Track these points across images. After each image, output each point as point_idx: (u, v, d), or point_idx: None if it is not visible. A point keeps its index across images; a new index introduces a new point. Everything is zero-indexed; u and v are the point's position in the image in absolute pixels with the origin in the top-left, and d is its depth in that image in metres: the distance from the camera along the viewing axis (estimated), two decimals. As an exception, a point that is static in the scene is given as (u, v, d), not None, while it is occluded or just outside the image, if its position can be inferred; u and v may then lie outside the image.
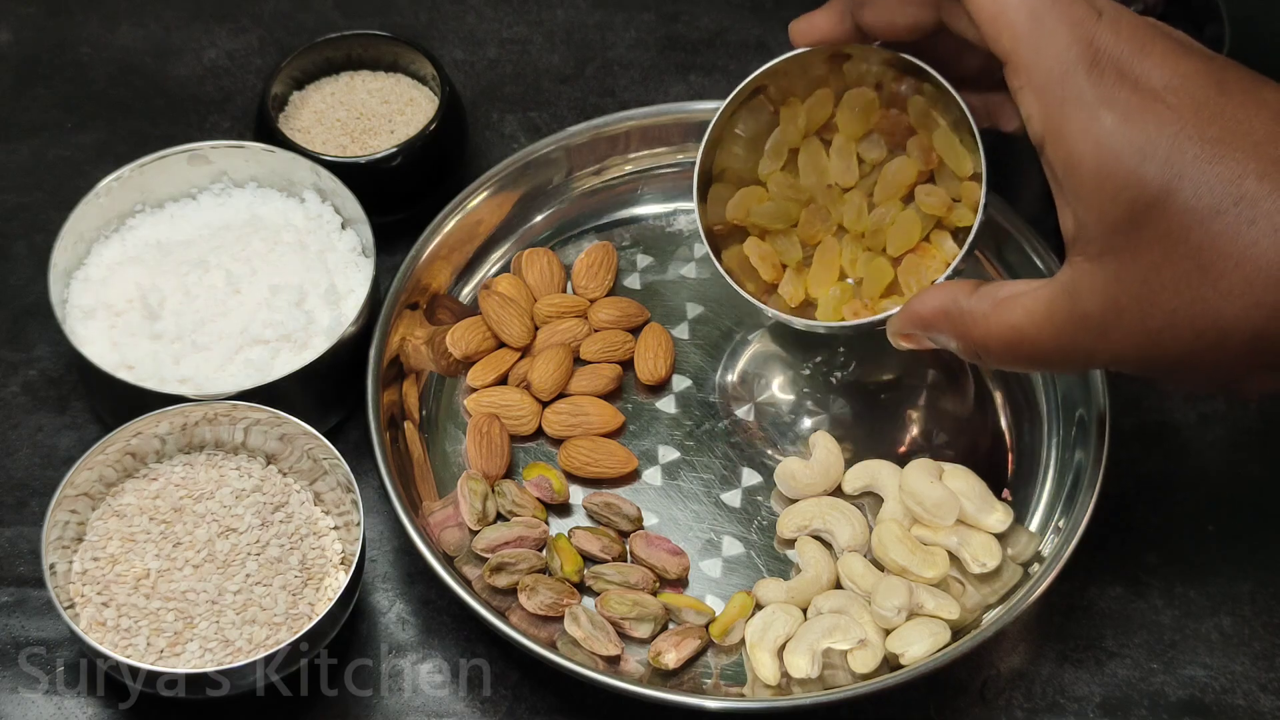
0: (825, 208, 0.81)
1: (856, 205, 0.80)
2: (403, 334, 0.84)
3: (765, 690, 0.75)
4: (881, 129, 0.81)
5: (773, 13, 1.01)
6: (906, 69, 0.78)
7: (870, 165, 0.81)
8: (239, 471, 0.79)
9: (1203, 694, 0.78)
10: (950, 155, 0.79)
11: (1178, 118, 0.62)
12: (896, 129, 0.81)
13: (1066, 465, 0.81)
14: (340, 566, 0.77)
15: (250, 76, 0.98)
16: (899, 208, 0.80)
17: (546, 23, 1.01)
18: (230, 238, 0.85)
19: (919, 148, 0.80)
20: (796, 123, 0.81)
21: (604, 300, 0.88)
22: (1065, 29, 0.63)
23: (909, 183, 0.80)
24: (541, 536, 0.80)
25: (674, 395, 0.85)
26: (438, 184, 0.90)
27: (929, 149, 0.80)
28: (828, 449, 0.82)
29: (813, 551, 0.79)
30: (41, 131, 0.96)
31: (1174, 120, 0.61)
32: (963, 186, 0.78)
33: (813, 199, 0.81)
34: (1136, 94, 0.62)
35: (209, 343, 0.81)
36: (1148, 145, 0.61)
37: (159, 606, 0.74)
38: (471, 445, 0.82)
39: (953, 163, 0.79)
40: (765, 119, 0.81)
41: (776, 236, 0.81)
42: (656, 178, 0.92)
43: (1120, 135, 0.62)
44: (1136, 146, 0.61)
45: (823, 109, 0.81)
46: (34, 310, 0.88)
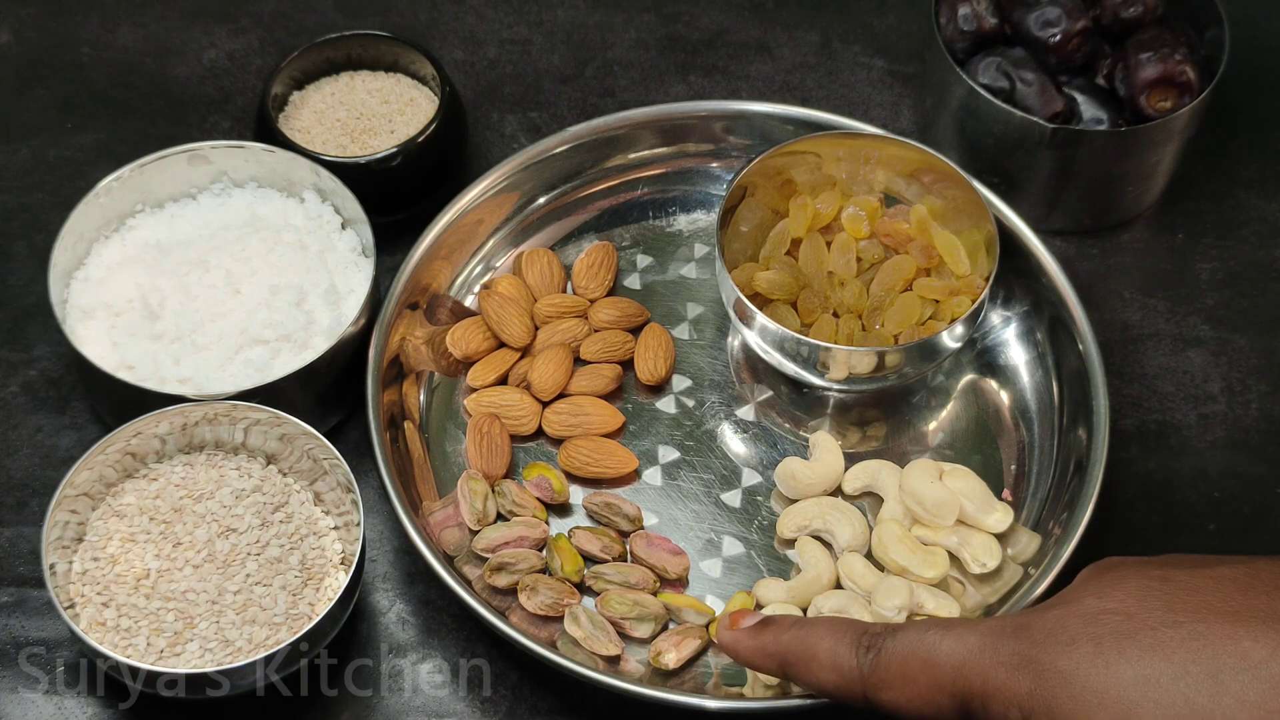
0: (823, 293, 0.83)
1: (855, 291, 0.83)
2: (403, 334, 0.84)
3: (765, 690, 0.75)
4: (881, 234, 0.85)
5: (773, 13, 1.01)
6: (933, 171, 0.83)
7: (869, 263, 0.85)
8: (239, 471, 0.79)
9: (1203, 694, 0.78)
10: (951, 256, 0.83)
11: None
12: (896, 236, 0.85)
13: (1066, 465, 0.81)
14: (340, 566, 0.77)
15: (250, 76, 0.98)
16: (898, 293, 0.83)
17: (546, 23, 1.01)
18: (230, 238, 0.85)
19: (920, 249, 0.84)
20: (805, 213, 0.85)
21: (604, 300, 0.88)
22: None
23: (908, 277, 0.84)
24: (541, 536, 0.80)
25: (674, 395, 0.85)
26: (438, 184, 0.90)
27: (930, 249, 0.84)
28: (828, 449, 0.82)
29: (813, 551, 0.79)
30: (41, 131, 0.96)
31: None
32: (962, 281, 0.82)
33: (809, 285, 0.84)
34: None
35: (209, 343, 0.81)
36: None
37: (159, 606, 0.74)
38: (471, 445, 0.82)
39: (953, 263, 0.83)
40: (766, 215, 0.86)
41: (777, 306, 0.83)
42: (656, 178, 0.92)
43: None
44: None
45: (830, 207, 0.85)
46: (34, 310, 0.88)
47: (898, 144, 0.85)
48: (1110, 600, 0.60)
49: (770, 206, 0.86)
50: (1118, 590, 0.61)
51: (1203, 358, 0.88)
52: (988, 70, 0.89)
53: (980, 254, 0.82)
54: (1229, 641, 0.58)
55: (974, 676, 0.61)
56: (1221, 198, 0.94)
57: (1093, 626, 0.60)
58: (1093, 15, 0.90)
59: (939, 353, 0.81)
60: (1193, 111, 0.87)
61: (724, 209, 0.83)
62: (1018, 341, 0.86)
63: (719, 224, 0.82)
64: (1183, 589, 0.60)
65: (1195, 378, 0.88)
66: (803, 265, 0.84)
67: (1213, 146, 0.95)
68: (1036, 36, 0.89)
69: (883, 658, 0.64)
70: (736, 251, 0.85)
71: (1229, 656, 0.57)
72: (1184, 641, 0.58)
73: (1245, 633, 0.58)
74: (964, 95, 0.88)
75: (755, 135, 0.91)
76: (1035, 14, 0.89)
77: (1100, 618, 0.60)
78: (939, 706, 0.63)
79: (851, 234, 0.85)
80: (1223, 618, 0.58)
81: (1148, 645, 0.59)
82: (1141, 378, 0.87)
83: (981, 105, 0.87)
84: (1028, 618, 0.62)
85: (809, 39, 1.00)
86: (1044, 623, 0.61)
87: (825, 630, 0.66)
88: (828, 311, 0.83)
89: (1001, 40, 0.90)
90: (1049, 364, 0.85)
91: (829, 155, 0.85)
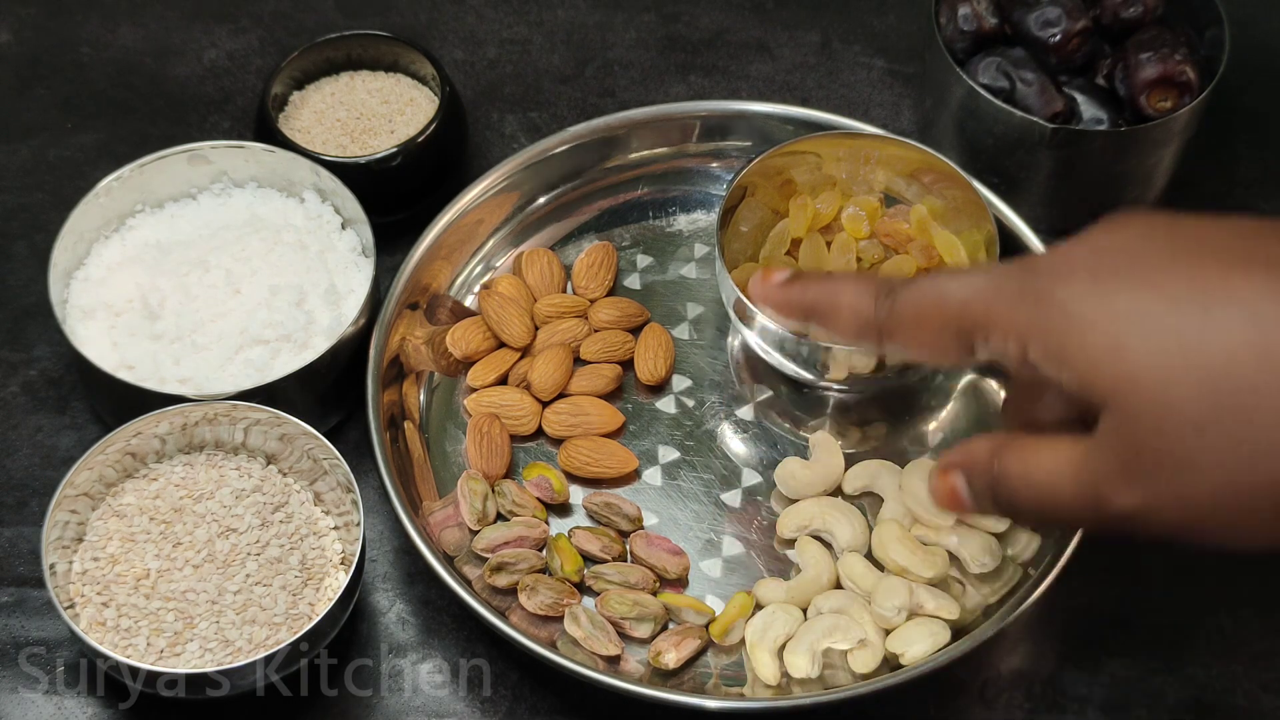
0: None
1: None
2: (403, 334, 0.84)
3: (765, 690, 0.75)
4: (881, 234, 0.85)
5: (773, 13, 1.01)
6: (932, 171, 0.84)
7: (869, 263, 0.85)
8: (239, 471, 0.79)
9: (1203, 694, 0.78)
10: (951, 256, 0.83)
11: None
12: (896, 236, 0.85)
13: (1066, 465, 0.81)
14: (340, 566, 0.77)
15: (250, 76, 0.98)
16: None
17: (546, 23, 1.01)
18: (230, 238, 0.85)
19: (920, 249, 0.84)
20: (805, 213, 0.84)
21: (604, 300, 0.88)
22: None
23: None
24: (541, 536, 0.80)
25: (674, 395, 0.85)
26: (438, 184, 0.90)
27: (930, 249, 0.84)
28: (828, 449, 0.82)
29: (813, 551, 0.79)
30: (41, 131, 0.96)
31: None
32: None
33: None
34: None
35: (209, 343, 0.81)
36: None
37: (159, 606, 0.74)
38: (471, 445, 0.82)
39: (953, 263, 0.83)
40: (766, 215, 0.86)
41: None
42: (656, 178, 0.92)
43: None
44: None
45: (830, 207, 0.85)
46: (34, 310, 0.88)
47: (898, 144, 0.85)
48: (1115, 239, 0.62)
49: (770, 206, 0.86)
50: (1124, 231, 0.62)
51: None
52: (988, 70, 0.89)
53: (980, 254, 0.82)
54: (1222, 280, 0.58)
55: (978, 310, 0.63)
56: (1221, 198, 0.94)
57: (1093, 260, 0.61)
58: (1093, 15, 0.90)
59: None
60: (1193, 111, 0.87)
61: (724, 209, 0.83)
62: (1018, 341, 0.86)
63: (719, 224, 0.82)
64: (1187, 234, 0.61)
65: (1195, 378, 0.88)
66: (803, 265, 0.84)
67: (1213, 146, 0.95)
68: (1036, 36, 0.89)
69: (899, 304, 0.66)
70: (736, 251, 0.85)
71: (1220, 292, 0.58)
72: (1179, 278, 0.59)
73: (1239, 274, 0.58)
74: (964, 95, 0.88)
75: (755, 135, 0.91)
76: (1035, 14, 0.89)
77: (1102, 253, 0.61)
78: (946, 344, 0.64)
79: (851, 234, 0.85)
80: (1220, 260, 0.59)
81: (1143, 280, 0.59)
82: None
83: (981, 105, 0.88)
84: (1036, 256, 0.64)
85: (809, 39, 1.00)
86: (1049, 257, 0.62)
87: (849, 283, 0.69)
88: None
89: (1001, 40, 0.90)
90: (1049, 364, 0.85)
91: (829, 155, 0.85)
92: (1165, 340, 0.58)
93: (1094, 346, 0.59)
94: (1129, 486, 0.60)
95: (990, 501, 0.66)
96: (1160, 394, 0.58)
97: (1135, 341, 0.59)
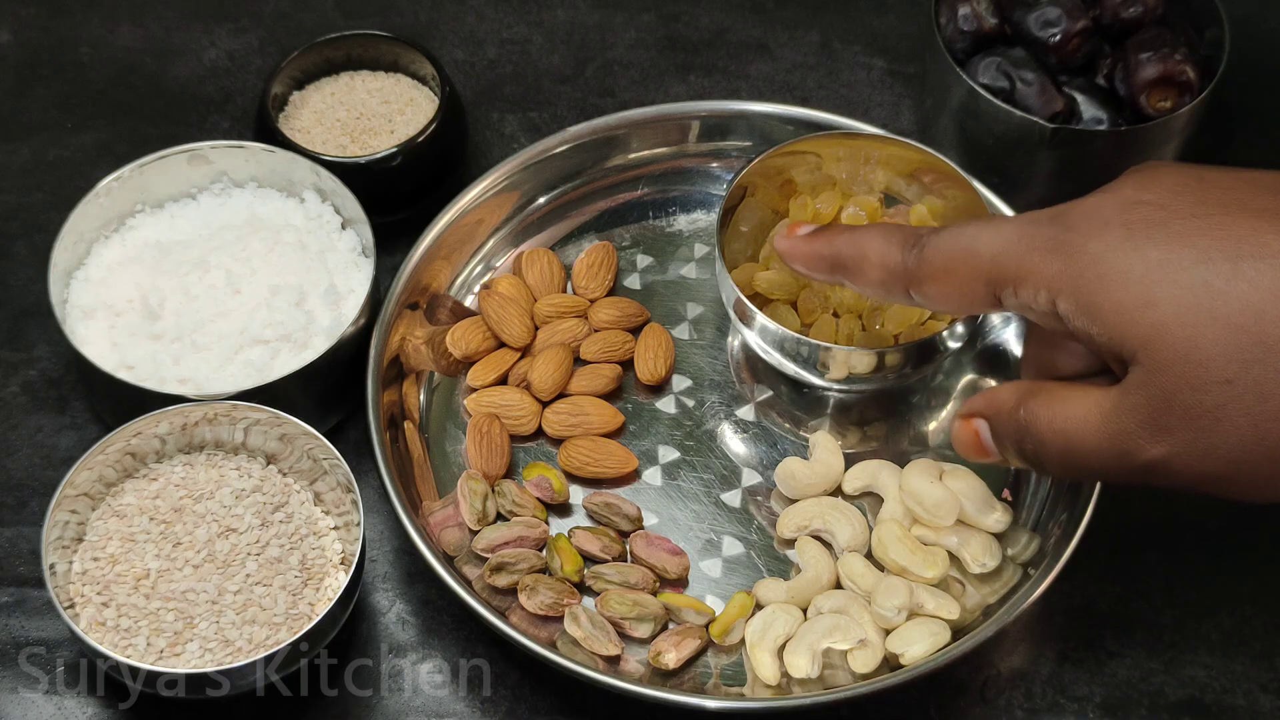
0: (823, 293, 0.83)
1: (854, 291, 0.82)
2: (403, 334, 0.84)
3: (765, 690, 0.75)
4: None
5: (773, 13, 1.01)
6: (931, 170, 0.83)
7: None
8: (239, 471, 0.79)
9: (1203, 694, 0.78)
10: None
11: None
12: None
13: (1066, 465, 0.81)
14: (340, 566, 0.77)
15: (250, 76, 0.98)
16: None
17: (546, 23, 1.01)
18: (230, 238, 0.85)
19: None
20: (805, 213, 0.84)
21: (604, 300, 0.88)
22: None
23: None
24: (541, 536, 0.80)
25: (674, 395, 0.85)
26: (438, 184, 0.90)
27: None
28: (828, 449, 0.82)
29: (813, 551, 0.79)
30: (41, 131, 0.96)
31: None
32: None
33: (809, 285, 0.84)
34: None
35: (209, 343, 0.81)
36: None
37: (159, 606, 0.74)
38: (471, 445, 0.82)
39: None
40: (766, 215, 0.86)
41: (777, 306, 0.83)
42: (656, 178, 0.92)
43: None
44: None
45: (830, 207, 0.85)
46: (34, 310, 0.88)
47: (898, 144, 0.85)
48: (1147, 193, 0.62)
49: (770, 206, 0.86)
50: (1155, 184, 0.63)
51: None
52: (988, 70, 0.89)
53: None
54: (1251, 234, 0.59)
55: (1009, 262, 0.63)
56: (1221, 198, 0.94)
57: (1126, 214, 0.62)
58: (1093, 15, 0.90)
59: (939, 353, 0.81)
60: (1193, 111, 0.87)
61: (724, 209, 0.83)
62: (1018, 341, 0.86)
63: (719, 224, 0.82)
64: (1217, 187, 0.62)
65: (1195, 378, 0.88)
66: None
67: (1213, 146, 0.95)
68: (1036, 36, 0.89)
69: (927, 252, 0.66)
70: (736, 251, 0.85)
71: (1250, 246, 0.59)
72: (1208, 231, 0.60)
73: (1268, 226, 0.59)
74: (964, 95, 0.88)
75: (755, 135, 0.91)
76: (1035, 14, 0.89)
77: (1134, 206, 0.62)
78: (974, 294, 0.65)
79: None
80: (1250, 213, 0.60)
81: (1175, 233, 0.60)
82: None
83: (981, 105, 0.88)
84: (1066, 207, 0.64)
85: (809, 39, 1.00)
86: (1080, 210, 0.63)
87: (876, 233, 0.69)
88: (828, 311, 0.83)
89: (1001, 40, 0.90)
90: (1049, 364, 0.85)
91: (829, 155, 0.85)
92: (1195, 293, 0.59)
93: (1125, 300, 0.60)
94: (1156, 437, 0.60)
95: (1014, 448, 0.66)
96: (1189, 346, 0.59)
97: (1165, 294, 0.59)
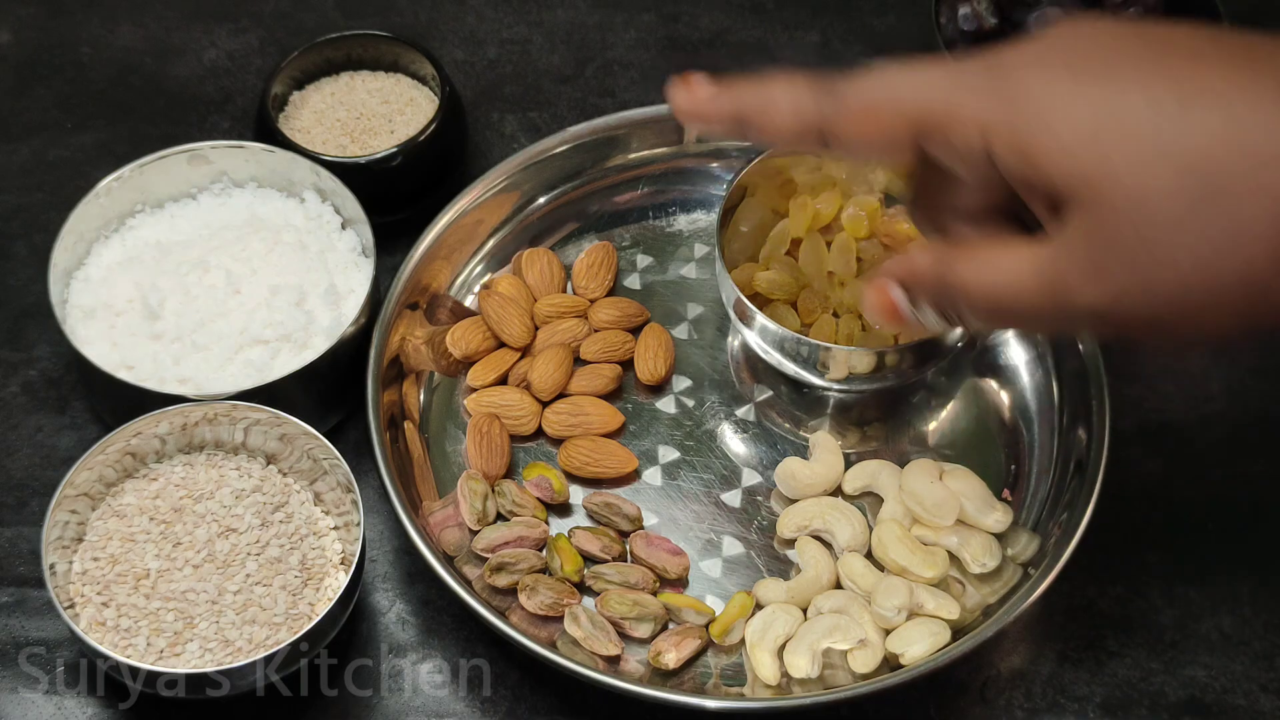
0: (823, 293, 0.83)
1: (855, 291, 0.83)
2: (403, 334, 0.84)
3: (765, 690, 0.75)
4: (881, 234, 0.85)
5: (773, 14, 1.01)
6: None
7: (869, 263, 0.85)
8: (239, 471, 0.79)
9: (1203, 694, 0.78)
10: None
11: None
12: (896, 236, 0.85)
13: (1066, 465, 0.81)
14: (340, 566, 0.77)
15: (250, 76, 0.98)
16: None
17: (546, 23, 1.01)
18: (230, 238, 0.85)
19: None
20: (805, 213, 0.84)
21: (604, 300, 0.88)
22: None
23: None
24: (541, 536, 0.80)
25: (674, 395, 0.86)
26: (438, 184, 0.90)
27: None
28: (828, 449, 0.82)
29: (813, 551, 0.79)
30: (41, 131, 0.96)
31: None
32: None
33: (809, 285, 0.83)
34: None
35: (209, 343, 0.81)
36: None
37: (159, 606, 0.74)
38: (471, 445, 0.82)
39: None
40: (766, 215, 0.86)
41: (777, 306, 0.83)
42: (656, 178, 0.92)
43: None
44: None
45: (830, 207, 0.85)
46: (34, 310, 0.88)
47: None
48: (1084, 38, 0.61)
49: (770, 206, 0.86)
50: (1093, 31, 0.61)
51: (1203, 358, 0.88)
52: (988, 70, 0.89)
53: None
54: (1197, 77, 0.58)
55: (937, 104, 0.61)
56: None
57: (1066, 56, 0.60)
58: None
59: (939, 353, 0.81)
60: (1193, 111, 0.87)
61: (724, 209, 0.83)
62: (1018, 341, 0.86)
63: (719, 224, 0.82)
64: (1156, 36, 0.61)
65: (1195, 378, 0.88)
66: (803, 265, 0.84)
67: (1213, 146, 0.95)
68: (1036, 36, 0.89)
69: (846, 98, 0.63)
70: (736, 251, 0.85)
71: (1195, 89, 0.58)
72: (1154, 73, 0.59)
73: (1215, 71, 0.58)
74: (964, 95, 0.88)
75: (755, 135, 0.91)
76: (1035, 14, 0.89)
77: (1074, 49, 0.60)
78: (896, 139, 0.62)
79: (851, 234, 0.85)
80: (1194, 59, 0.59)
81: (1120, 75, 0.59)
82: (1141, 378, 0.87)
83: (981, 105, 0.87)
84: (999, 51, 0.61)
85: (809, 39, 1.00)
86: (1015, 53, 0.61)
87: (781, 81, 0.66)
88: (828, 311, 0.83)
89: (1002, 40, 0.90)
90: (1049, 364, 0.85)
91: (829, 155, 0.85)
92: (1143, 136, 0.58)
93: (1069, 140, 0.58)
94: (1097, 281, 0.59)
95: (934, 309, 0.65)
96: (1137, 188, 0.58)
97: (1112, 135, 0.58)
